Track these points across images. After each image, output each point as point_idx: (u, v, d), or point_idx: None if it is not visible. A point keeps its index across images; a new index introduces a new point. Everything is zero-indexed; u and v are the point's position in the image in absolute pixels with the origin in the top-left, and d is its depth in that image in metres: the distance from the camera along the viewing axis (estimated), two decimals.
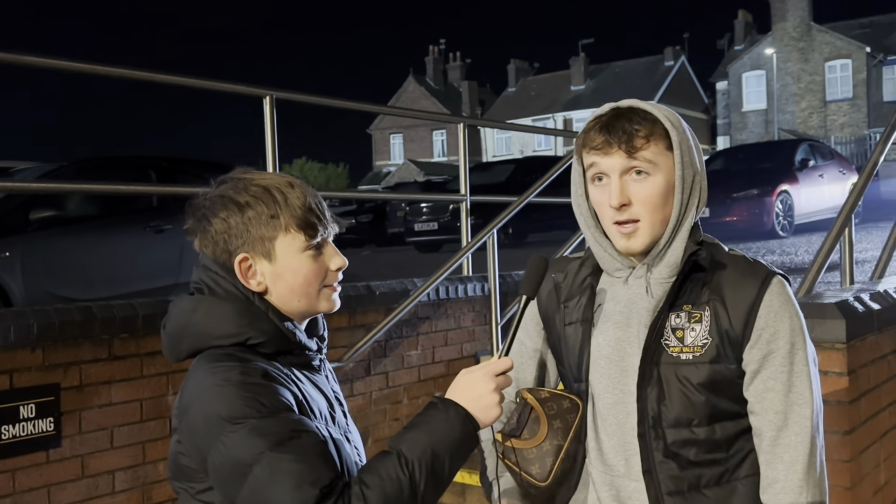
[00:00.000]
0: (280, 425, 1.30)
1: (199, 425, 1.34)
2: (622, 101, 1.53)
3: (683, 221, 1.51)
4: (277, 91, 4.36)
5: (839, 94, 39.09)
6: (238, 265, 1.45)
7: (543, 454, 1.53)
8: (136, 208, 6.41)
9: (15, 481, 3.17)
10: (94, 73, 3.95)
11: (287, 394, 1.37)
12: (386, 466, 1.31)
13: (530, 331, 1.69)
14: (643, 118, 1.48)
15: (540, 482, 1.53)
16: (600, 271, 1.61)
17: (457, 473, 1.39)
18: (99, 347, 3.42)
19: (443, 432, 1.35)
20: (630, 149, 1.46)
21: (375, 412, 4.59)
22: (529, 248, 11.42)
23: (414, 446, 1.33)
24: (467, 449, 1.38)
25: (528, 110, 49.41)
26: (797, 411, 1.46)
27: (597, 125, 1.50)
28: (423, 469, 1.31)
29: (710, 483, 1.48)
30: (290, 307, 1.48)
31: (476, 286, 5.21)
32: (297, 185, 1.48)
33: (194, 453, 1.36)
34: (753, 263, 1.52)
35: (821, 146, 14.17)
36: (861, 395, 2.80)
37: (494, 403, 1.39)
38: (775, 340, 1.46)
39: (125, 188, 5.32)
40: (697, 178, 1.52)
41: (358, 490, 1.28)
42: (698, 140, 1.57)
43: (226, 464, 1.30)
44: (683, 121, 1.54)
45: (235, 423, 1.29)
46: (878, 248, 5.24)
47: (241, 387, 1.33)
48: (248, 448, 1.28)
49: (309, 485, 1.25)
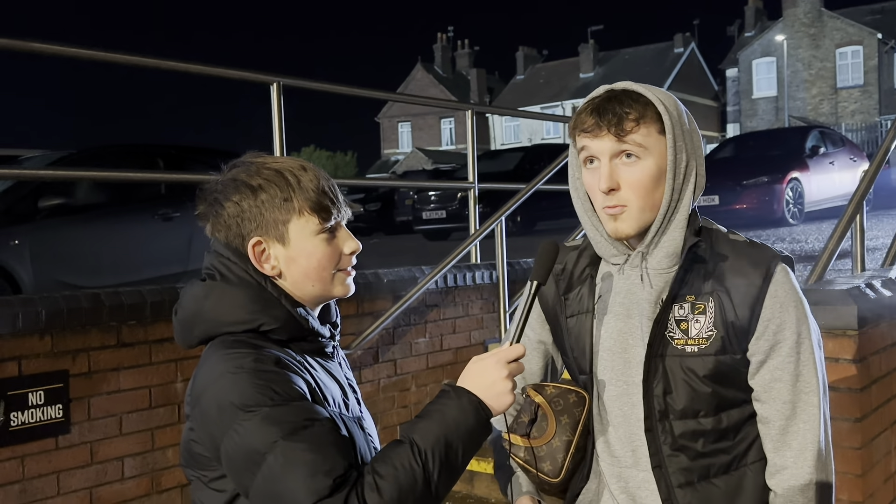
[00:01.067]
0: (293, 414, 1.29)
1: (212, 413, 1.33)
2: (617, 84, 1.50)
3: (678, 208, 1.48)
4: (285, 78, 4.34)
5: (850, 81, 38.84)
6: (251, 249, 1.43)
7: (554, 451, 1.53)
8: (144, 196, 6.41)
9: (24, 468, 3.18)
10: (100, 59, 3.93)
11: (300, 381, 1.36)
12: (399, 456, 1.30)
13: (533, 322, 1.67)
14: (635, 101, 1.44)
15: (553, 478, 1.53)
16: (598, 261, 1.59)
17: (469, 462, 1.38)
18: (107, 334, 3.42)
19: (456, 421, 1.33)
20: (620, 131, 1.43)
21: (384, 399, 4.59)
22: (538, 236, 11.40)
23: (427, 435, 1.32)
24: (480, 437, 1.37)
25: (536, 98, 49.24)
26: (805, 399, 1.46)
27: (589, 107, 1.47)
28: (436, 458, 1.30)
29: (720, 472, 1.49)
30: (304, 292, 1.47)
31: (484, 274, 5.20)
32: (309, 169, 1.47)
33: (207, 441, 1.35)
34: (755, 249, 1.50)
35: (831, 133, 14.07)
36: (872, 383, 2.78)
37: (507, 390, 1.38)
38: (782, 331, 1.46)
39: (134, 175, 5.32)
40: (693, 164, 1.48)
41: (371, 480, 1.27)
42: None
43: (239, 452, 1.29)
44: (681, 104, 1.50)
45: (248, 411, 1.28)
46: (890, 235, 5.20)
47: (254, 374, 1.32)
48: (261, 437, 1.27)
49: (323, 475, 1.24)
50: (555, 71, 51.96)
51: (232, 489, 1.36)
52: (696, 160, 1.49)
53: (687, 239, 1.48)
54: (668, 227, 1.48)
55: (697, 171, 1.49)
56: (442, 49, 55.98)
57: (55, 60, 4.60)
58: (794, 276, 1.51)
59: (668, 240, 1.48)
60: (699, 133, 1.54)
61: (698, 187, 1.50)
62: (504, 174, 12.48)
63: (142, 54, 4.03)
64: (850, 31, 38.60)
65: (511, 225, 11.34)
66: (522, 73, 53.35)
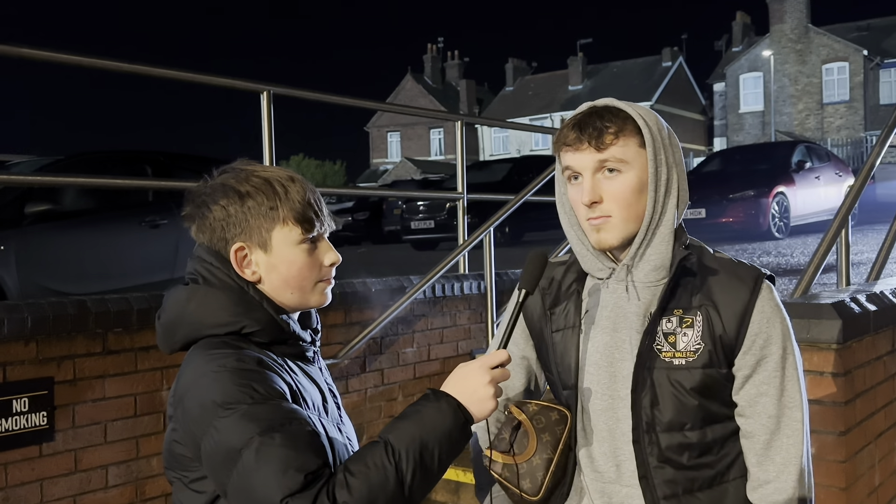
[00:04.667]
0: (271, 412, 1.31)
1: (195, 412, 1.34)
2: (599, 100, 1.54)
3: (662, 220, 1.51)
4: (275, 86, 4.34)
5: (836, 97, 39.16)
6: (234, 254, 1.46)
7: (534, 469, 1.53)
8: (132, 203, 6.38)
9: (7, 475, 3.15)
10: (92, 66, 3.92)
11: (281, 382, 1.38)
12: (373, 455, 1.31)
13: (517, 338, 1.68)
14: (615, 115, 1.49)
15: (532, 496, 1.54)
16: (585, 276, 1.61)
17: (449, 466, 1.38)
18: (93, 341, 3.40)
19: (433, 423, 1.34)
20: (600, 144, 1.47)
21: (370, 409, 4.58)
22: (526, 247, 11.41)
23: (402, 436, 1.33)
24: (459, 441, 1.37)
25: (525, 109, 49.40)
26: (789, 414, 1.49)
27: (571, 123, 1.52)
28: (410, 459, 1.31)
29: (704, 486, 1.50)
30: (282, 299, 1.49)
31: (472, 284, 5.21)
32: (297, 180, 1.49)
33: (189, 441, 1.37)
34: (741, 266, 1.53)
35: (817, 148, 14.18)
36: (856, 396, 2.80)
37: (489, 396, 1.39)
38: (768, 346, 1.48)
39: (121, 182, 5.29)
40: (675, 177, 1.51)
41: (342, 477, 1.28)
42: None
43: (218, 450, 1.30)
44: (662, 120, 1.54)
45: (228, 409, 1.30)
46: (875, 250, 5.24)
47: (235, 373, 1.34)
48: (238, 433, 1.29)
49: (295, 470, 1.26)
50: (544, 83, 52.15)
51: (212, 490, 1.37)
52: (678, 173, 1.52)
53: (676, 252, 1.50)
54: (652, 239, 1.51)
55: (679, 185, 1.52)
56: (432, 60, 56.09)
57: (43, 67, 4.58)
58: (777, 294, 1.54)
59: (654, 252, 1.50)
60: (680, 148, 1.57)
61: (681, 200, 1.53)
62: (493, 185, 12.50)
63: (132, 61, 4.02)
64: (836, 47, 38.96)
65: (499, 235, 11.36)
66: (512, 85, 53.52)
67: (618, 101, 1.53)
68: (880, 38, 39.74)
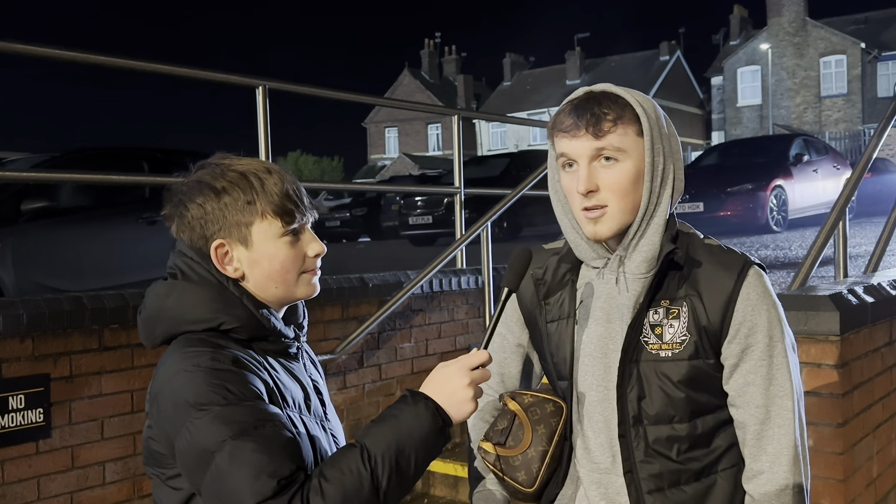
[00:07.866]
0: (245, 414, 1.29)
1: (169, 411, 1.33)
2: (596, 86, 1.50)
3: (656, 210, 1.48)
4: (271, 81, 4.33)
5: (834, 90, 39.15)
6: (214, 251, 1.44)
7: (529, 460, 1.53)
8: (128, 200, 6.37)
9: (4, 472, 3.15)
10: (87, 62, 3.91)
11: (257, 382, 1.36)
12: (348, 460, 1.29)
13: (513, 326, 1.67)
14: (613, 102, 1.45)
15: (527, 488, 1.54)
16: (579, 265, 1.58)
17: (426, 469, 1.36)
18: (89, 338, 3.40)
19: (410, 427, 1.32)
20: (597, 131, 1.43)
21: (368, 404, 4.58)
22: (523, 242, 11.41)
23: (379, 440, 1.31)
24: (436, 444, 1.35)
25: (523, 104, 49.34)
26: (779, 403, 1.46)
27: (567, 108, 1.48)
28: (386, 464, 1.29)
29: (690, 479, 1.49)
30: (267, 294, 1.47)
31: (470, 279, 5.20)
32: (274, 171, 1.46)
33: (163, 439, 1.35)
34: (729, 253, 1.50)
35: (815, 141, 14.17)
36: (854, 388, 2.80)
37: (468, 398, 1.37)
38: (753, 334, 1.45)
39: (118, 178, 5.27)
40: (671, 167, 1.48)
41: (317, 483, 1.26)
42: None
43: (191, 451, 1.29)
44: (660, 108, 1.50)
45: (201, 409, 1.29)
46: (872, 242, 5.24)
47: (209, 373, 1.32)
48: (211, 435, 1.27)
49: (267, 476, 1.24)
50: (541, 78, 52.11)
51: (188, 488, 1.36)
52: (674, 164, 1.49)
53: (664, 245, 1.48)
54: (646, 230, 1.48)
55: (675, 175, 1.49)
56: (429, 55, 56.04)
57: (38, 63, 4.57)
58: (769, 280, 1.51)
59: (645, 244, 1.48)
60: (677, 137, 1.54)
61: (676, 191, 1.50)
62: (490, 180, 12.48)
63: (129, 57, 4.01)
64: (833, 40, 38.93)
65: (497, 230, 11.36)
66: (509, 80, 53.47)
67: (615, 86, 1.49)
68: (878, 31, 39.71)
